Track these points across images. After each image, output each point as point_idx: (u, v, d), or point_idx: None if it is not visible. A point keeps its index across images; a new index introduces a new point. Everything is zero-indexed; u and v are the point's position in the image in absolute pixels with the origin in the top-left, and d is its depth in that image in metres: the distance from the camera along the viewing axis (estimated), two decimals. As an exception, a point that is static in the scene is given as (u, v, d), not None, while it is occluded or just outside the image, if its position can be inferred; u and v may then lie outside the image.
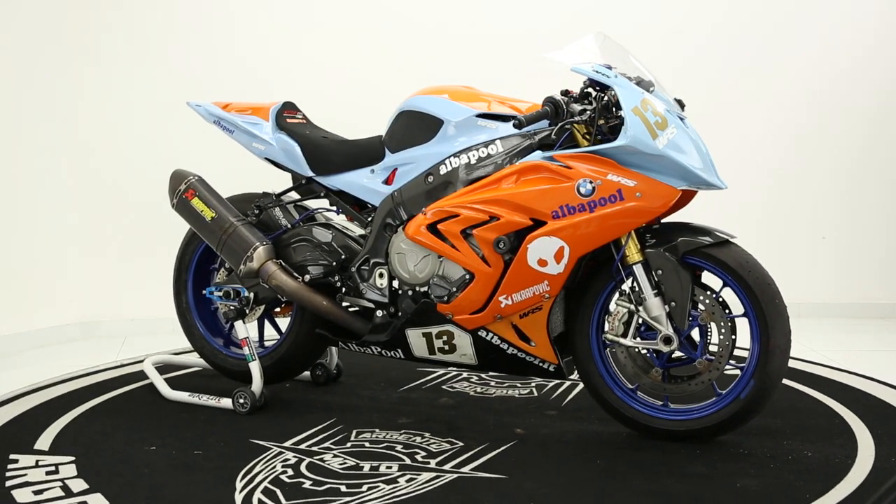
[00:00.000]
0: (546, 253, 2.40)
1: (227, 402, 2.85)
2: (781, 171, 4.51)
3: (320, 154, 2.82)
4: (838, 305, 4.53)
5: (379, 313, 2.74)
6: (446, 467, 2.32)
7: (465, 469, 2.30)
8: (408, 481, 2.22)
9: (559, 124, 2.39)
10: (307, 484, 2.20)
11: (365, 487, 2.17)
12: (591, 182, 2.34)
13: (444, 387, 3.14)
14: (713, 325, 2.42)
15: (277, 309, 3.06)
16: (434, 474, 2.26)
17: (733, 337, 2.40)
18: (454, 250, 2.51)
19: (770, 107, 4.47)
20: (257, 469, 2.30)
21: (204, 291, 3.02)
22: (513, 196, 2.41)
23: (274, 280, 2.78)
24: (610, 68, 2.42)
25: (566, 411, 2.82)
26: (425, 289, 2.63)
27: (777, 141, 4.50)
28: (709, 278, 2.47)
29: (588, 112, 2.37)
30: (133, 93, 4.17)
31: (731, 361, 2.42)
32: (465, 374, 3.29)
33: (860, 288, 4.55)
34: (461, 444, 2.50)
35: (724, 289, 2.45)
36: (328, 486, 2.18)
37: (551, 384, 3.13)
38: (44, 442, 2.55)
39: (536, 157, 2.43)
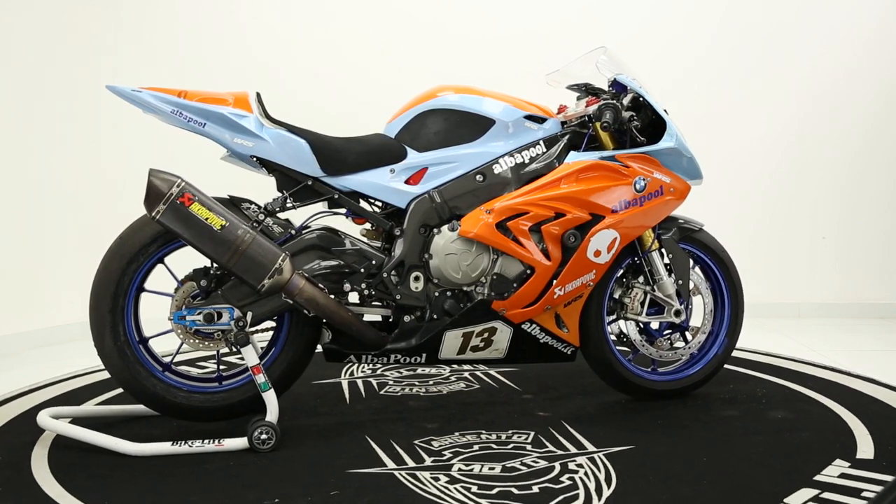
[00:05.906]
0: (602, 244, 2.65)
1: (233, 443, 2.43)
2: (781, 171, 4.61)
3: (332, 152, 2.56)
4: (839, 305, 4.63)
5: (406, 318, 2.64)
6: (571, 451, 2.43)
7: (589, 449, 2.44)
8: (578, 465, 2.29)
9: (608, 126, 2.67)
10: (515, 491, 2.12)
11: (565, 480, 2.19)
12: (644, 179, 2.67)
13: (381, 393, 3.08)
14: (701, 296, 2.94)
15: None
16: (586, 458, 2.36)
17: (712, 306, 2.96)
18: (519, 246, 2.59)
19: (770, 108, 4.56)
20: (431, 492, 2.12)
21: (169, 317, 2.48)
22: (580, 193, 2.61)
23: (306, 293, 2.46)
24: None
25: (536, 393, 3.05)
26: (471, 288, 2.63)
27: (777, 142, 4.58)
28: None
29: (636, 118, 2.69)
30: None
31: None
32: (375, 378, 3.24)
33: (860, 288, 4.65)
34: (531, 432, 2.59)
35: (695, 267, 2.99)
36: (531, 488, 2.14)
37: (470, 375, 3.30)
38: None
39: (593, 156, 2.65)
